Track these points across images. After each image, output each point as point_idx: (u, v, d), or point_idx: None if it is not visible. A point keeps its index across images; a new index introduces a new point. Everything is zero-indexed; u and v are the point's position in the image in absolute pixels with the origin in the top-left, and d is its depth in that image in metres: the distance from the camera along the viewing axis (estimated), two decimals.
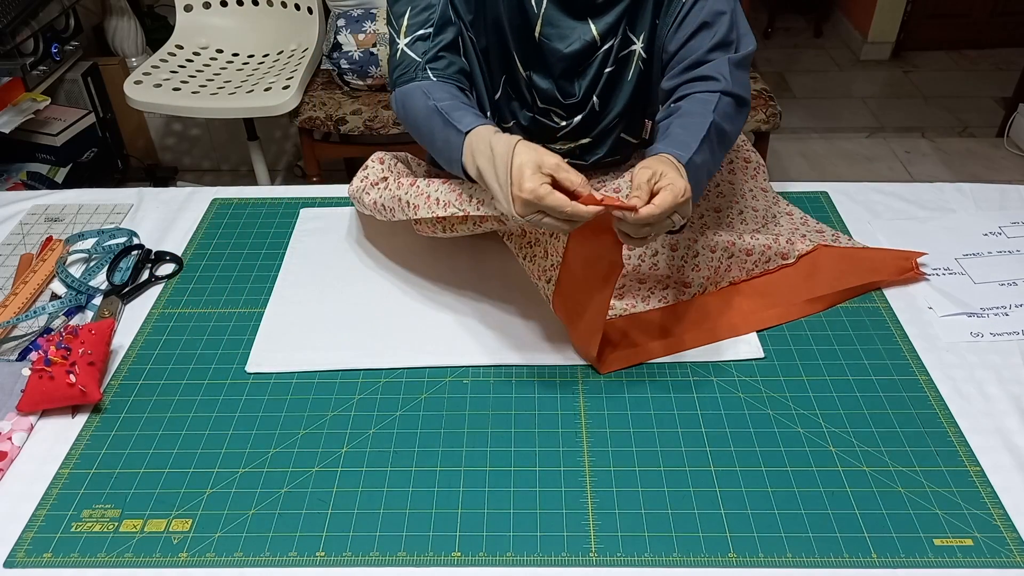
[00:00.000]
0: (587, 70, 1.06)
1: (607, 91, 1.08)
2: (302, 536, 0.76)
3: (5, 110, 2.02)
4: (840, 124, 3.10)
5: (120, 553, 0.75)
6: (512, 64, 1.06)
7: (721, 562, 0.73)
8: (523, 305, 1.02)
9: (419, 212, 0.94)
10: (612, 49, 1.04)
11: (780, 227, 1.13)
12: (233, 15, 2.35)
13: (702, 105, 0.94)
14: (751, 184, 1.19)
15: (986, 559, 0.73)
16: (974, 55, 3.57)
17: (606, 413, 0.88)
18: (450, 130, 0.89)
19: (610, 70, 1.05)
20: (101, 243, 1.13)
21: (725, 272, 1.04)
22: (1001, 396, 0.88)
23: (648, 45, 1.04)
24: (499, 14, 1.02)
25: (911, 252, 1.06)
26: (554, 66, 1.05)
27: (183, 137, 2.78)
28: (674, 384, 0.91)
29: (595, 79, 1.06)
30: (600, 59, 1.04)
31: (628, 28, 1.03)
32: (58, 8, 2.19)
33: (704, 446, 0.84)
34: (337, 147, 2.31)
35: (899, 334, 0.97)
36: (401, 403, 0.90)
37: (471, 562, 0.74)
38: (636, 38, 1.04)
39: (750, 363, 0.94)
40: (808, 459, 0.82)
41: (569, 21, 1.02)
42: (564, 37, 1.03)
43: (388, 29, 1.04)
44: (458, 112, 0.90)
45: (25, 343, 0.98)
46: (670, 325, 0.99)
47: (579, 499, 0.79)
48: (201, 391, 0.92)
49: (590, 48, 1.03)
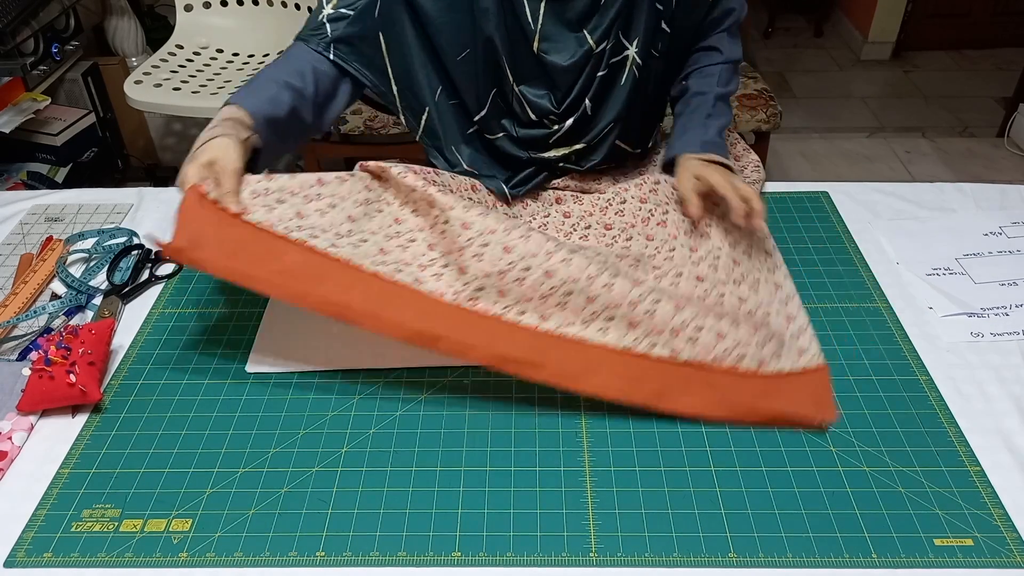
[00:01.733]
0: (581, 75, 1.06)
1: (600, 95, 1.07)
2: (302, 536, 0.76)
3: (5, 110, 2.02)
4: (840, 124, 3.10)
5: (120, 553, 0.75)
6: (504, 79, 1.06)
7: (721, 562, 0.73)
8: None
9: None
10: (604, 54, 1.04)
11: (756, 297, 0.97)
12: (233, 15, 2.35)
13: (705, 84, 1.11)
14: (748, 244, 1.04)
15: (986, 559, 0.73)
16: (974, 55, 3.57)
17: (606, 413, 0.88)
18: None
19: (603, 74, 1.05)
20: (101, 243, 1.13)
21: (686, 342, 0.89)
22: (1001, 396, 0.88)
23: (643, 51, 1.04)
24: (491, 33, 1.01)
25: (825, 410, 0.87)
26: (558, 79, 1.05)
27: (183, 137, 2.78)
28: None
29: (587, 83, 1.06)
30: (593, 64, 1.04)
31: (622, 33, 1.03)
32: (58, 8, 2.19)
33: (704, 446, 0.84)
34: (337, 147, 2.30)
35: (899, 334, 0.97)
36: (401, 403, 0.90)
37: (471, 562, 0.74)
38: (630, 44, 1.04)
39: None
40: (808, 459, 0.82)
41: (565, 32, 1.03)
42: (561, 50, 1.03)
43: None
44: (248, 86, 1.00)
45: (25, 343, 0.98)
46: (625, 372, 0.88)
47: (579, 499, 0.79)
48: (201, 391, 0.92)
49: (588, 56, 1.04)
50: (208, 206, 0.86)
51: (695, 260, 1.00)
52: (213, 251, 0.85)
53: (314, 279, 0.85)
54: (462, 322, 0.87)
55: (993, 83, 3.32)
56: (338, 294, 0.85)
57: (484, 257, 0.89)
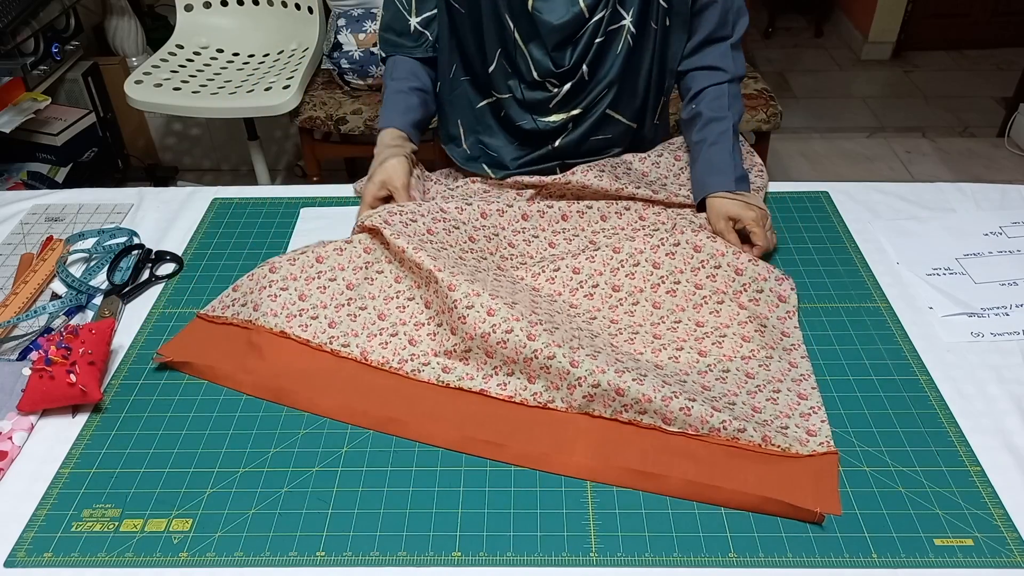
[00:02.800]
0: (579, 41, 1.12)
1: (596, 61, 1.14)
2: (302, 536, 0.76)
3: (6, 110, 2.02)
4: (841, 124, 3.10)
5: (120, 553, 0.75)
6: (508, 36, 1.13)
7: (721, 562, 0.73)
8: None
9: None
10: (602, 21, 1.10)
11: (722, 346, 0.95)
12: (233, 15, 2.35)
13: (718, 107, 1.15)
14: (763, 322, 0.98)
15: (986, 559, 0.73)
16: (975, 55, 3.57)
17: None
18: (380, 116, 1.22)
19: (600, 40, 1.11)
20: (101, 243, 1.14)
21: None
22: (1002, 396, 0.88)
23: (638, 20, 1.11)
24: None
25: (828, 501, 0.78)
26: (547, 37, 1.11)
27: (183, 137, 2.78)
28: None
29: (585, 49, 1.12)
30: (591, 30, 1.11)
31: (618, 2, 1.10)
32: (58, 8, 2.19)
33: None
34: (337, 147, 2.31)
35: (900, 334, 0.97)
36: None
37: (471, 562, 0.74)
38: (626, 13, 1.11)
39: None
40: None
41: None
42: (553, 10, 1.10)
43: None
44: (385, 109, 1.21)
45: (25, 343, 0.98)
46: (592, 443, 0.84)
47: (579, 499, 0.79)
48: (201, 391, 0.92)
49: (578, 20, 1.10)
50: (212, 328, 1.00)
51: (699, 336, 0.96)
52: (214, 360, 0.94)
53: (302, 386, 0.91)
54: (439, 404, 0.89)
55: (993, 83, 3.32)
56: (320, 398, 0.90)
57: (468, 320, 0.90)
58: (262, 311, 0.98)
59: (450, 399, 0.89)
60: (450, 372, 0.91)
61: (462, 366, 0.91)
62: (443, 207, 1.09)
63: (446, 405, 0.88)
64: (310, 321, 0.97)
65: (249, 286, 1.01)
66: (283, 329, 0.96)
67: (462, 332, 0.91)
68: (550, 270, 1.03)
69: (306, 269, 1.02)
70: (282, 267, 1.02)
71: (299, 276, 1.01)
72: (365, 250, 1.04)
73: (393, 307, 0.99)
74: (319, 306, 0.99)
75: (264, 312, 0.98)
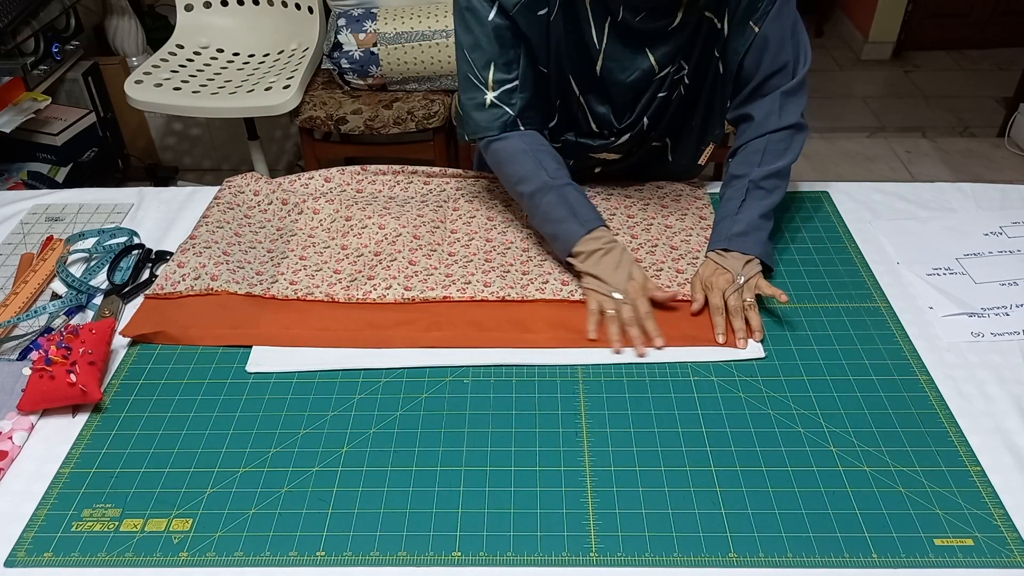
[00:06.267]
0: (643, 95, 1.10)
1: (657, 114, 1.12)
2: (302, 536, 0.76)
3: (6, 110, 2.02)
4: (841, 124, 3.10)
5: (120, 553, 0.75)
6: (569, 90, 1.10)
7: (721, 562, 0.73)
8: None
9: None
10: (667, 76, 1.07)
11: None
12: (233, 15, 2.35)
13: (746, 164, 1.07)
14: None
15: (986, 559, 0.73)
16: (975, 55, 3.57)
17: (606, 412, 0.88)
18: (571, 221, 1.03)
19: (663, 95, 1.09)
20: (102, 242, 1.14)
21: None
22: (1002, 396, 0.88)
23: (693, 71, 1.09)
24: (560, 43, 1.05)
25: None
26: (615, 96, 1.09)
27: (184, 137, 2.79)
28: (674, 384, 0.91)
29: (648, 103, 1.10)
30: (655, 85, 1.09)
31: (682, 57, 1.07)
32: (59, 8, 2.19)
33: (704, 446, 0.84)
34: (338, 147, 2.31)
35: (900, 334, 0.97)
36: (401, 403, 0.90)
37: (471, 562, 0.74)
38: (686, 64, 1.08)
39: (751, 363, 0.94)
40: (809, 459, 0.82)
41: (628, 52, 1.05)
42: (624, 68, 1.07)
43: (462, 70, 1.07)
44: (583, 207, 1.04)
45: (26, 342, 0.98)
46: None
47: (579, 499, 0.79)
48: (201, 391, 0.92)
49: (648, 76, 1.07)
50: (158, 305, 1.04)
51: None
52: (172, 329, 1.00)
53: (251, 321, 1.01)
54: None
55: (993, 83, 3.32)
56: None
57: (363, 235, 1.11)
58: (222, 281, 1.04)
59: (448, 309, 1.01)
60: (411, 291, 1.03)
61: (421, 284, 1.04)
62: (390, 195, 1.23)
63: (444, 314, 1.00)
64: (271, 284, 1.05)
65: (199, 261, 1.07)
66: (248, 291, 1.03)
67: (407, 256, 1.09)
68: (498, 233, 1.15)
69: (228, 239, 1.12)
70: (220, 240, 1.11)
71: (220, 242, 1.11)
72: (278, 226, 1.16)
73: (311, 253, 1.11)
74: (244, 261, 1.08)
75: (226, 280, 1.04)
